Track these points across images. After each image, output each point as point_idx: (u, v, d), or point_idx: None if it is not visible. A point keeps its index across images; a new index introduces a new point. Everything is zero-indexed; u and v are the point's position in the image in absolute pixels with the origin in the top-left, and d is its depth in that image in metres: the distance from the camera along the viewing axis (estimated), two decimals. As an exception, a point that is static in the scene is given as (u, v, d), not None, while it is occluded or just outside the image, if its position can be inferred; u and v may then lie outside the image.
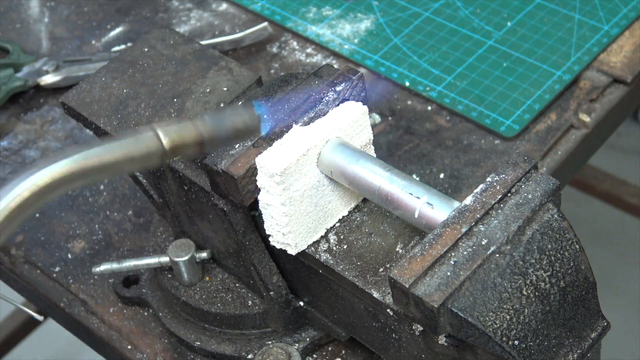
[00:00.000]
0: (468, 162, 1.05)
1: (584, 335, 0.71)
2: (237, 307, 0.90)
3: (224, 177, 0.77)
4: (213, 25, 1.26)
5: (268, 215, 0.78)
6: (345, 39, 1.20)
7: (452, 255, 0.68)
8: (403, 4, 1.24)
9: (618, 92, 1.11)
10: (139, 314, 0.98)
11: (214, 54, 0.92)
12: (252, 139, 0.78)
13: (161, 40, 0.94)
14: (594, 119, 1.08)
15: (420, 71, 1.15)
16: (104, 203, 1.08)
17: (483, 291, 0.67)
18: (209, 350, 0.92)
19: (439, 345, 0.73)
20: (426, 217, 0.73)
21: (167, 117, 0.87)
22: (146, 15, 1.30)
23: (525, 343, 0.67)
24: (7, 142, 1.17)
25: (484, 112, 1.09)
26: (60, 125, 1.18)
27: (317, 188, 0.78)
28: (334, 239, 0.80)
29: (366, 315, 0.80)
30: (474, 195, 0.71)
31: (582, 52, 1.14)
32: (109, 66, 0.92)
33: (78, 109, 0.89)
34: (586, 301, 0.71)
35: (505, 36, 1.17)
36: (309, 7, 1.26)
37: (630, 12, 1.18)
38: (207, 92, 0.88)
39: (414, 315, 0.68)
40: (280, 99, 0.81)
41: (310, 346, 0.90)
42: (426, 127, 1.09)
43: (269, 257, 0.85)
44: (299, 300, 0.88)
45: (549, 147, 1.05)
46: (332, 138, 0.78)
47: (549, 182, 0.71)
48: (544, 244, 0.69)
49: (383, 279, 0.76)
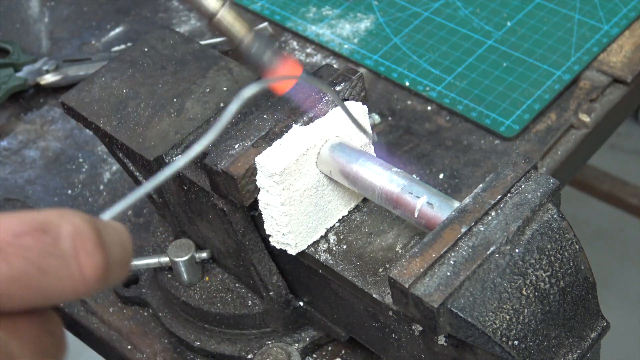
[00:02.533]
0: (468, 162, 1.05)
1: (584, 336, 0.71)
2: (237, 307, 0.90)
3: (224, 177, 0.77)
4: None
5: (268, 215, 0.78)
6: (345, 38, 1.20)
7: (452, 255, 0.68)
8: (403, 3, 1.24)
9: (618, 92, 1.11)
10: (138, 314, 0.98)
11: (214, 54, 0.92)
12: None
13: (161, 40, 0.94)
14: (594, 119, 1.08)
15: (420, 71, 1.15)
16: (103, 203, 1.08)
17: (483, 291, 0.67)
18: (209, 350, 0.92)
19: (439, 346, 0.73)
20: (426, 216, 0.73)
21: (167, 117, 0.87)
22: (146, 15, 1.30)
23: (525, 343, 0.67)
24: (7, 142, 1.17)
25: (484, 112, 1.09)
26: (60, 125, 1.18)
27: (317, 188, 0.78)
28: (334, 239, 0.80)
29: (366, 315, 0.80)
30: (474, 195, 0.71)
31: (582, 52, 1.14)
32: (109, 66, 0.92)
33: (78, 109, 0.89)
34: (586, 301, 0.71)
35: (505, 36, 1.17)
36: (308, 7, 1.26)
37: (630, 12, 1.18)
38: (207, 92, 0.88)
39: (414, 315, 0.68)
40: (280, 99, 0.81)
41: (310, 346, 0.90)
42: (426, 127, 1.09)
43: (269, 257, 0.85)
44: (298, 300, 0.88)
45: (548, 147, 1.05)
46: (332, 138, 0.78)
47: (549, 182, 0.71)
48: (544, 244, 0.69)
49: (383, 279, 0.76)
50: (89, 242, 0.48)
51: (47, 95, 1.21)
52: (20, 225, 0.47)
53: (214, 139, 0.56)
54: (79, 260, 0.48)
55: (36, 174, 1.13)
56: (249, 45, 0.77)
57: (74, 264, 0.48)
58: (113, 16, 1.30)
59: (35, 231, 0.47)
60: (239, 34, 0.77)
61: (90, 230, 0.49)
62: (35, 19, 1.32)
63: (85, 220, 0.49)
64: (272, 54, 0.77)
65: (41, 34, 1.29)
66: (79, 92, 0.91)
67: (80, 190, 1.10)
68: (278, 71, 0.77)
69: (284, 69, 0.77)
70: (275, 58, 0.77)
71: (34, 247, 0.47)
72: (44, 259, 0.47)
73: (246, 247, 0.83)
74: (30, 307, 0.48)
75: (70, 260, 0.48)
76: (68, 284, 0.48)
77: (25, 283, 0.47)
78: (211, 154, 0.78)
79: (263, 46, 0.77)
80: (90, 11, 1.32)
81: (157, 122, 0.86)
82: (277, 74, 0.78)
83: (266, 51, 0.77)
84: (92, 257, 0.48)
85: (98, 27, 1.29)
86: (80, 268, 0.48)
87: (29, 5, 1.34)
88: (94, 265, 0.48)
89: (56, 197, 1.10)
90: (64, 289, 0.48)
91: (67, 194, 1.10)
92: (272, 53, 0.77)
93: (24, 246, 0.47)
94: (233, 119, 0.83)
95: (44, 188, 1.11)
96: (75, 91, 0.91)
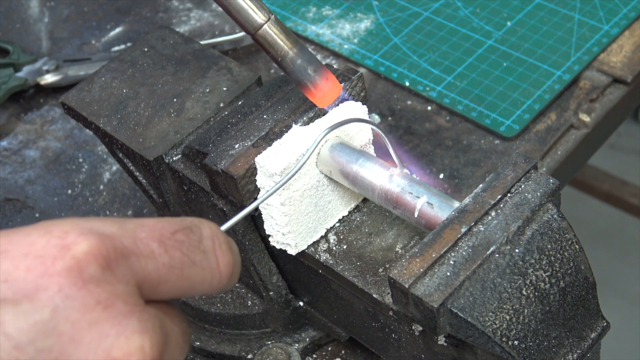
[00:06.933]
0: (468, 162, 1.05)
1: (584, 336, 0.71)
2: (237, 307, 0.90)
3: (224, 177, 0.77)
4: (213, 25, 1.26)
5: (268, 215, 0.78)
6: (345, 38, 1.20)
7: (452, 255, 0.68)
8: (403, 3, 1.24)
9: (618, 92, 1.11)
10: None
11: (213, 54, 0.92)
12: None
13: (161, 40, 0.94)
14: (594, 119, 1.08)
15: (420, 71, 1.15)
16: (103, 203, 1.08)
17: (483, 291, 0.67)
18: (209, 350, 0.92)
19: (439, 346, 0.73)
20: (426, 216, 0.73)
21: (167, 117, 0.87)
22: (146, 15, 1.30)
23: (525, 343, 0.67)
24: (7, 142, 1.17)
25: (484, 112, 1.09)
26: (60, 125, 1.18)
27: (317, 188, 0.78)
28: (334, 239, 0.80)
29: (366, 315, 0.80)
30: (474, 195, 0.71)
31: (582, 52, 1.14)
32: (109, 66, 0.92)
33: (78, 109, 0.89)
34: (586, 301, 0.71)
35: (505, 36, 1.17)
36: (308, 6, 1.26)
37: (630, 12, 1.18)
38: (207, 92, 0.88)
39: (414, 315, 0.68)
40: (280, 99, 0.81)
41: (310, 346, 0.90)
42: (426, 127, 1.09)
43: (269, 257, 0.85)
44: (298, 300, 0.88)
45: (549, 147, 1.05)
46: (332, 138, 0.78)
47: (549, 182, 0.71)
48: (544, 244, 0.69)
49: (383, 279, 0.76)
50: (224, 243, 0.59)
51: (47, 95, 1.22)
52: (173, 225, 0.57)
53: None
54: (217, 256, 0.58)
55: (36, 174, 1.13)
56: (292, 60, 0.77)
57: (213, 259, 0.58)
58: (113, 16, 1.30)
59: (186, 229, 0.57)
60: (282, 49, 0.77)
61: (222, 235, 0.59)
62: (35, 19, 1.32)
63: (217, 226, 0.60)
64: (314, 72, 0.77)
65: (41, 34, 1.30)
66: (79, 92, 0.91)
67: (80, 190, 1.10)
68: (319, 88, 0.77)
69: (324, 86, 0.77)
70: (317, 76, 0.77)
71: (186, 242, 0.57)
72: (193, 253, 0.57)
73: (246, 247, 0.83)
74: (179, 295, 0.57)
75: (211, 257, 0.58)
76: (208, 276, 0.58)
77: (180, 271, 0.56)
78: (211, 154, 0.78)
79: (306, 62, 0.77)
80: (90, 11, 1.32)
81: (157, 122, 0.86)
82: (318, 90, 0.77)
83: (308, 68, 0.77)
84: (226, 255, 0.58)
85: (98, 27, 1.29)
86: (218, 263, 0.58)
87: (29, 5, 1.34)
88: (227, 262, 0.59)
89: (56, 197, 1.10)
90: (205, 280, 0.57)
91: (67, 194, 1.10)
92: (314, 70, 0.77)
93: (179, 241, 0.56)
94: (233, 119, 0.83)
95: (44, 188, 1.11)
96: (75, 91, 0.91)
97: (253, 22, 0.76)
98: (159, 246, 0.55)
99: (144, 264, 0.54)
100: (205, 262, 0.57)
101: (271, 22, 0.76)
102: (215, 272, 0.58)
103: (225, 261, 0.58)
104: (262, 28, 0.76)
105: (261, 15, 0.76)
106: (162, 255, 0.55)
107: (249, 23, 0.76)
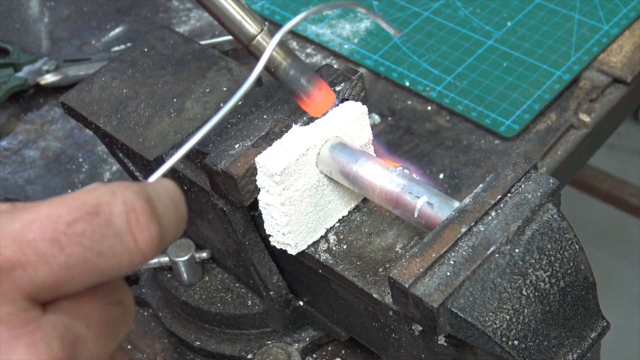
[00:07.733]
0: (468, 162, 1.05)
1: (584, 336, 0.71)
2: (237, 307, 0.90)
3: (224, 177, 0.77)
4: (213, 25, 1.26)
5: (268, 215, 0.78)
6: (345, 38, 1.20)
7: (452, 255, 0.68)
8: (403, 3, 1.24)
9: (618, 92, 1.11)
10: (138, 314, 0.98)
11: (214, 54, 0.92)
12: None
13: (161, 40, 0.94)
14: (594, 119, 1.08)
15: (420, 71, 1.15)
16: (103, 203, 1.08)
17: (483, 291, 0.67)
18: (209, 350, 0.92)
19: (439, 345, 0.73)
20: (426, 216, 0.73)
21: (167, 117, 0.87)
22: (146, 15, 1.30)
23: (525, 343, 0.67)
24: (7, 142, 1.17)
25: (484, 112, 1.09)
26: (60, 125, 1.18)
27: (317, 188, 0.78)
28: (334, 239, 0.80)
29: (366, 315, 0.80)
30: (474, 195, 0.71)
31: (582, 52, 1.14)
32: (109, 66, 0.92)
33: (78, 109, 0.89)
34: (586, 301, 0.71)
35: (505, 36, 1.17)
36: (308, 7, 1.26)
37: (630, 12, 1.18)
38: (207, 92, 0.88)
39: (414, 315, 0.68)
40: (280, 98, 0.81)
41: (310, 346, 0.90)
42: (426, 127, 1.09)
43: (269, 257, 0.85)
44: (298, 300, 0.88)
45: (549, 147, 1.05)
46: (332, 138, 0.78)
47: (549, 182, 0.71)
48: (544, 244, 0.69)
49: (383, 279, 0.76)
50: (142, 215, 0.49)
51: (47, 95, 1.22)
52: (71, 213, 0.48)
53: None
54: (134, 235, 0.49)
55: (36, 174, 1.13)
56: (285, 71, 0.77)
57: (129, 240, 0.49)
58: (113, 16, 1.30)
59: (87, 215, 0.48)
60: (275, 60, 0.77)
61: (141, 203, 0.50)
62: (35, 19, 1.32)
63: (135, 192, 0.50)
64: (307, 82, 0.77)
65: (41, 34, 1.30)
66: (79, 92, 0.91)
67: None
68: (312, 98, 0.77)
69: (318, 95, 0.77)
70: (310, 86, 0.77)
71: (88, 231, 0.48)
72: (99, 242, 0.48)
73: (246, 247, 0.83)
74: (94, 284, 0.49)
75: (125, 237, 0.49)
76: (125, 259, 0.49)
77: (83, 268, 0.48)
78: (211, 154, 0.78)
79: (299, 73, 0.77)
80: (90, 11, 1.32)
81: (157, 122, 0.86)
82: (312, 100, 0.77)
83: (301, 78, 0.77)
84: (146, 229, 0.49)
85: (98, 27, 1.29)
86: (136, 242, 0.49)
87: (29, 5, 1.34)
88: (149, 236, 0.49)
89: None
90: (121, 264, 0.49)
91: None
92: (307, 81, 0.77)
93: (78, 233, 0.48)
94: (233, 119, 0.83)
95: (44, 188, 1.11)
96: (75, 91, 0.91)
97: (246, 33, 0.76)
98: (51, 246, 0.47)
99: (33, 273, 0.47)
100: (118, 246, 0.49)
101: (264, 32, 0.76)
102: (134, 252, 0.49)
103: (145, 236, 0.49)
104: (256, 39, 0.76)
105: (254, 26, 0.76)
106: (57, 255, 0.47)
107: (242, 34, 0.76)
